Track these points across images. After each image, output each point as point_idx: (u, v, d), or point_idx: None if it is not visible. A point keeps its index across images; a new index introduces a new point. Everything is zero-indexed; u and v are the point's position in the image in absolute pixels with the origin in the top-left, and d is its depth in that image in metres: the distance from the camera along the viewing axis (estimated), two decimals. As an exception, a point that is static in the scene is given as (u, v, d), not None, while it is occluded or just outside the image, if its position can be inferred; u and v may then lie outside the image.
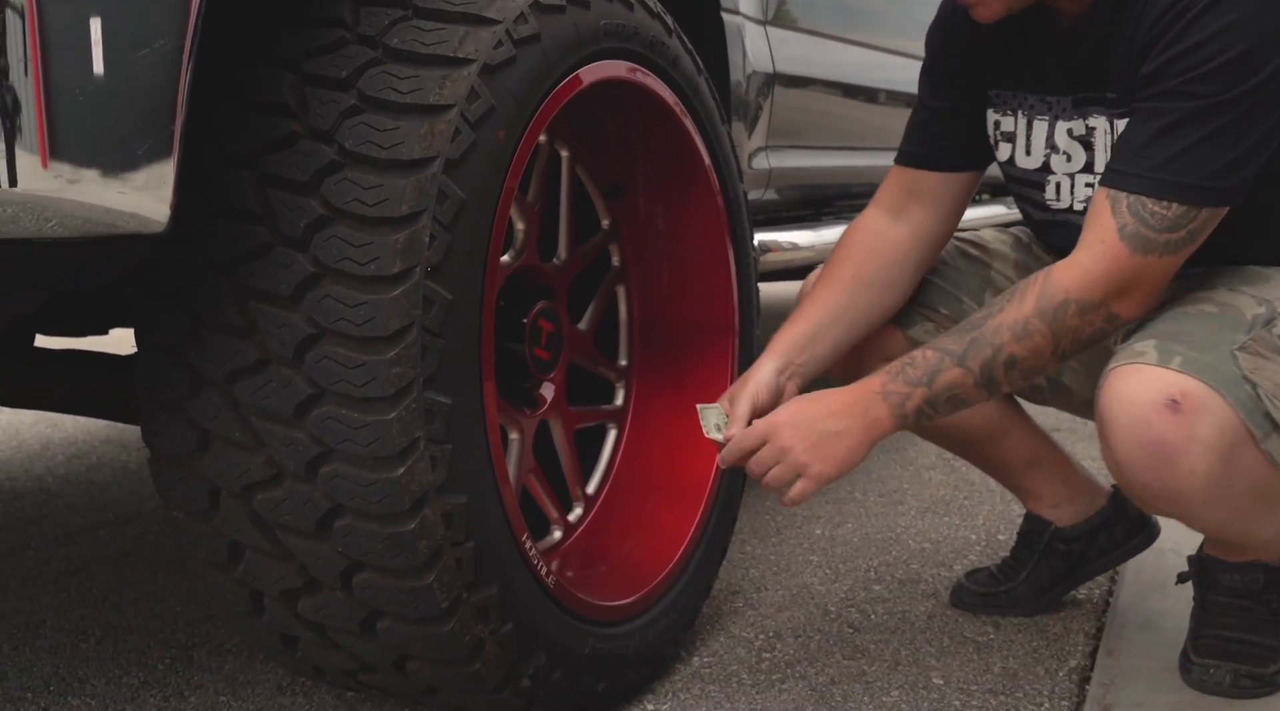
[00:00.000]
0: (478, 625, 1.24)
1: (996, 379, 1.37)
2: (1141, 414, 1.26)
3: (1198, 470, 1.26)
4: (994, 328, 1.36)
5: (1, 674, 1.68)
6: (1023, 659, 1.67)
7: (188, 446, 1.23)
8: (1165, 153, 1.30)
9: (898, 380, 1.38)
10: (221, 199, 1.19)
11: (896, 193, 1.63)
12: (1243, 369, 1.27)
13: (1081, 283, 1.33)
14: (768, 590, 1.95)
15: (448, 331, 1.18)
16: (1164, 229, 1.31)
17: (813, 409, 1.39)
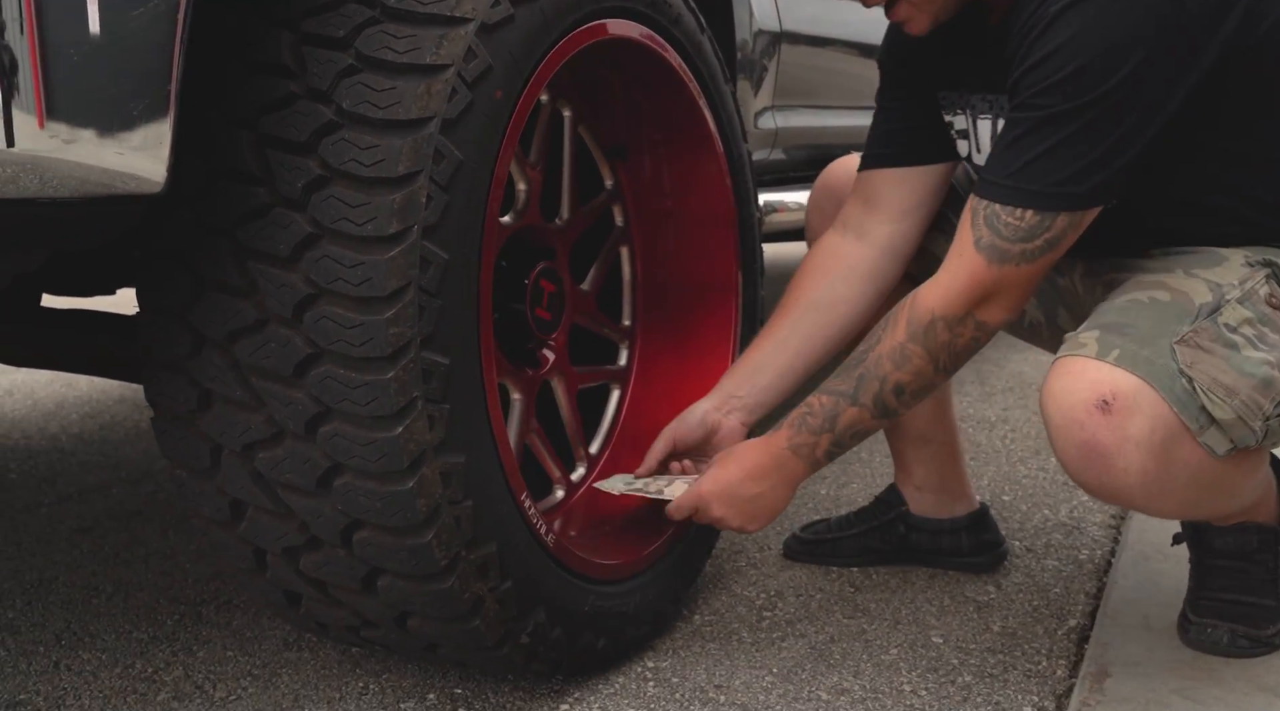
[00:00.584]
0: (476, 582, 1.26)
1: (891, 406, 1.42)
2: (1074, 415, 1.25)
3: (1132, 469, 1.24)
4: (875, 360, 1.40)
5: (15, 628, 1.70)
6: (1022, 618, 1.68)
7: (189, 405, 1.24)
8: (1017, 161, 1.30)
9: (801, 432, 1.44)
10: (222, 160, 1.19)
11: (855, 208, 1.62)
12: (1179, 362, 1.25)
13: (943, 300, 1.36)
14: (771, 549, 1.96)
15: (445, 291, 1.18)
16: (1018, 239, 1.31)
17: (732, 477, 1.47)
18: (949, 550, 1.84)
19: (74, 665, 1.58)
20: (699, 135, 1.71)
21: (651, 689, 1.48)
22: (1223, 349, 1.26)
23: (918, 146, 1.58)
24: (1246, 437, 1.26)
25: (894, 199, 1.59)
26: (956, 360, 1.41)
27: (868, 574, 1.85)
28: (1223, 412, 1.24)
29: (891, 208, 1.59)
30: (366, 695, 1.48)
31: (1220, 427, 1.25)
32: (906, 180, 1.59)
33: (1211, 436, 1.25)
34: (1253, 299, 1.32)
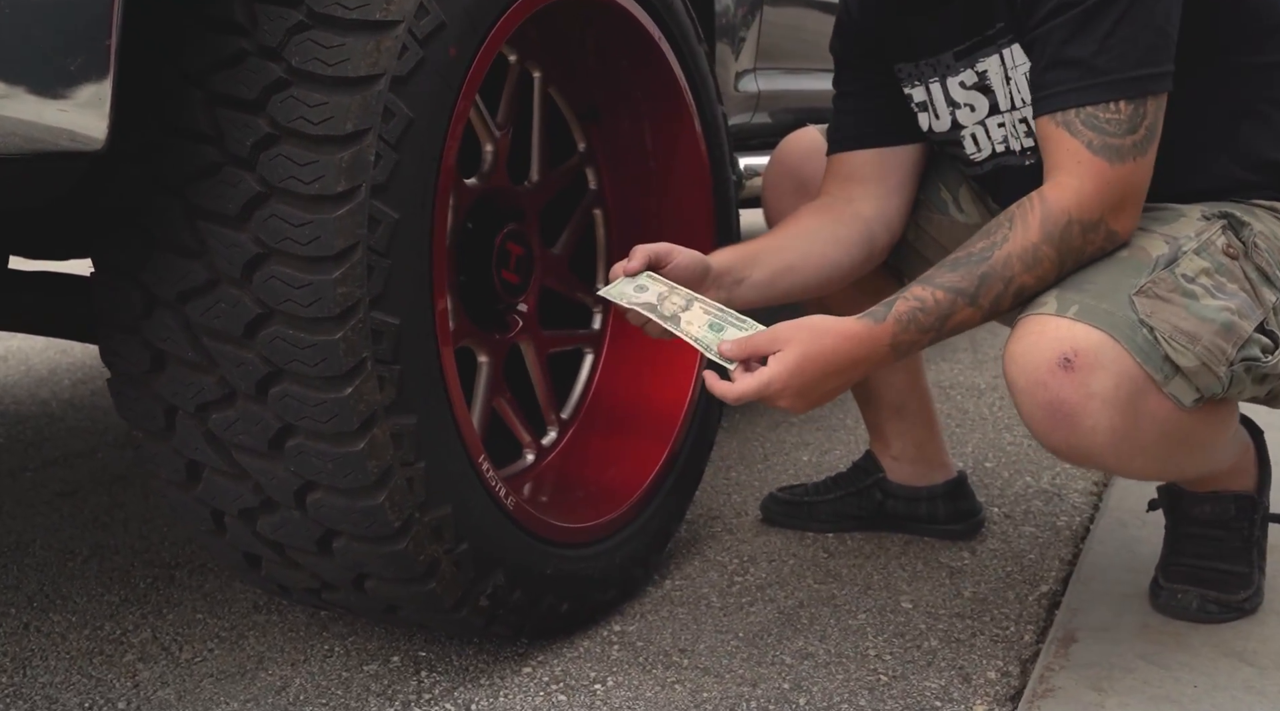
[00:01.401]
0: (431, 544, 1.25)
1: (1000, 311, 1.30)
2: (1037, 375, 1.22)
3: (1100, 427, 1.21)
4: (1003, 260, 1.27)
5: (-13, 590, 1.71)
6: (994, 584, 1.67)
7: (143, 366, 1.23)
8: (1086, 60, 1.26)
9: (910, 329, 1.27)
10: (173, 117, 1.18)
11: (835, 184, 1.56)
12: (1139, 312, 1.22)
13: (1078, 202, 1.27)
14: (747, 515, 1.95)
15: (395, 251, 1.17)
16: (1125, 132, 1.26)
17: (818, 370, 1.25)
18: (925, 517, 1.83)
19: (43, 627, 1.59)
20: (671, 97, 1.69)
21: (616, 652, 1.48)
22: (1181, 297, 1.24)
23: (888, 126, 1.54)
24: (1212, 385, 1.24)
25: (878, 177, 1.54)
26: (1078, 268, 1.30)
27: (842, 540, 1.85)
28: (1186, 360, 1.22)
29: (878, 184, 1.54)
30: (331, 657, 1.48)
31: (1185, 376, 1.23)
32: (885, 159, 1.55)
33: (1177, 386, 1.23)
34: (1209, 249, 1.30)
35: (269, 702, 1.37)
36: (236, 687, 1.41)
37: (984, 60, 1.42)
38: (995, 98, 1.44)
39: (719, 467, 2.22)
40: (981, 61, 1.42)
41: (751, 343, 1.25)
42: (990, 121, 1.46)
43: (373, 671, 1.44)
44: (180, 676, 1.44)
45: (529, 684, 1.40)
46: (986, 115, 1.46)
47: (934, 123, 1.51)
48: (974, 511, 1.85)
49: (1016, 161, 1.46)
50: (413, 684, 1.40)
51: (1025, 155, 1.45)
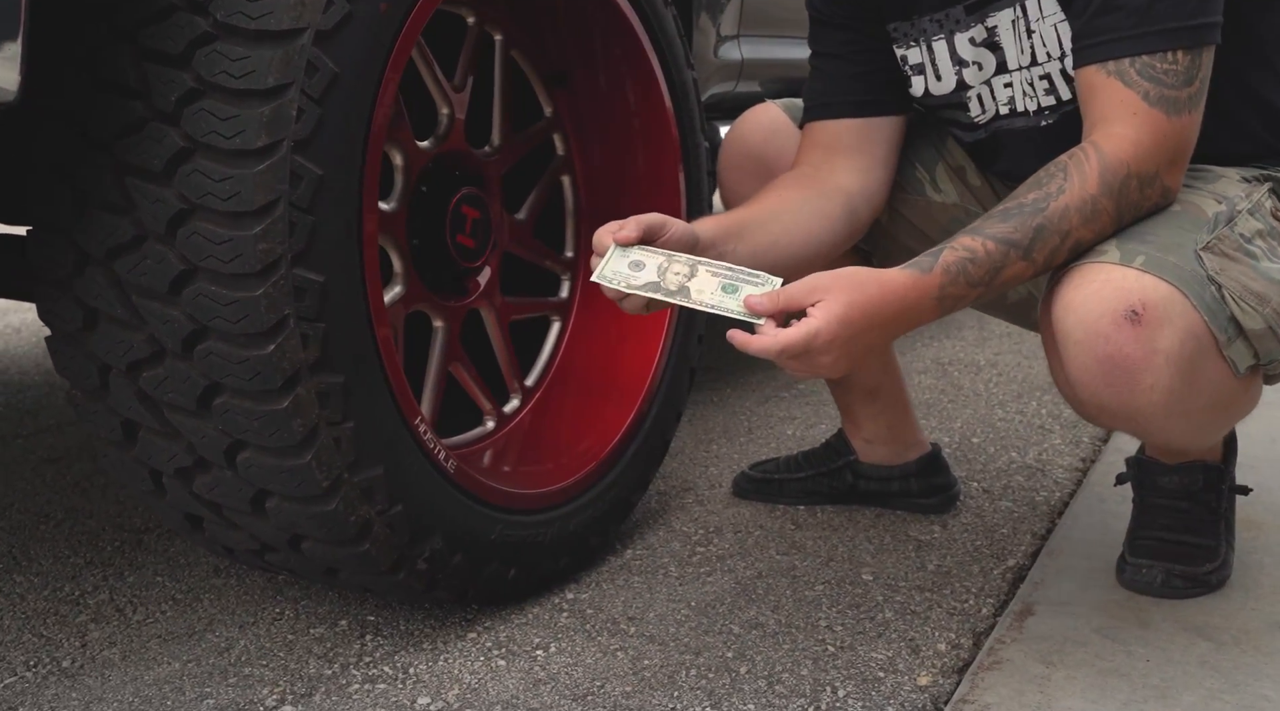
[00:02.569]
0: (362, 505, 1.24)
1: (1053, 265, 1.23)
2: (1098, 326, 1.14)
3: (1159, 385, 1.14)
4: (1060, 212, 1.19)
5: (-41, 552, 1.73)
6: (960, 557, 1.64)
7: (76, 324, 1.23)
8: (1141, 6, 1.19)
9: (959, 282, 1.18)
10: (104, 73, 1.17)
11: (814, 153, 1.47)
12: (1208, 269, 1.16)
13: (1136, 155, 1.20)
14: (721, 487, 1.93)
15: (319, 208, 1.16)
16: (1182, 84, 1.20)
17: (864, 320, 1.15)
18: (898, 493, 1.80)
19: (4, 587, 1.60)
20: (636, 62, 1.66)
21: (564, 619, 1.46)
22: (1246, 257, 1.21)
23: (876, 93, 1.47)
24: (1274, 351, 1.20)
25: (862, 148, 1.47)
26: (1135, 221, 1.24)
27: (813, 512, 1.82)
28: (1253, 322, 1.18)
29: (862, 156, 1.47)
30: (280, 620, 1.48)
31: (1247, 339, 1.18)
32: (870, 131, 1.47)
33: (1237, 350, 1.18)
34: (1261, 211, 1.27)
35: (210, 663, 1.37)
36: (181, 648, 1.41)
37: (996, 14, 1.36)
38: (1004, 55, 1.38)
39: (700, 440, 2.20)
40: (993, 16, 1.36)
41: (786, 294, 1.14)
42: (996, 81, 1.40)
43: (318, 634, 1.43)
44: (129, 636, 1.44)
45: (471, 649, 1.39)
46: (993, 74, 1.40)
47: (932, 84, 1.44)
48: (948, 485, 1.82)
49: (1026, 123, 1.39)
50: (356, 647, 1.40)
51: (1042, 115, 1.38)
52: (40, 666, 1.38)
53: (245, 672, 1.34)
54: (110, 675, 1.35)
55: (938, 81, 1.44)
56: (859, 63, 1.49)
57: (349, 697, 1.28)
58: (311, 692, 1.29)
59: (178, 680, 1.33)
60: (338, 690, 1.30)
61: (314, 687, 1.31)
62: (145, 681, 1.33)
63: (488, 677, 1.32)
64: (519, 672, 1.33)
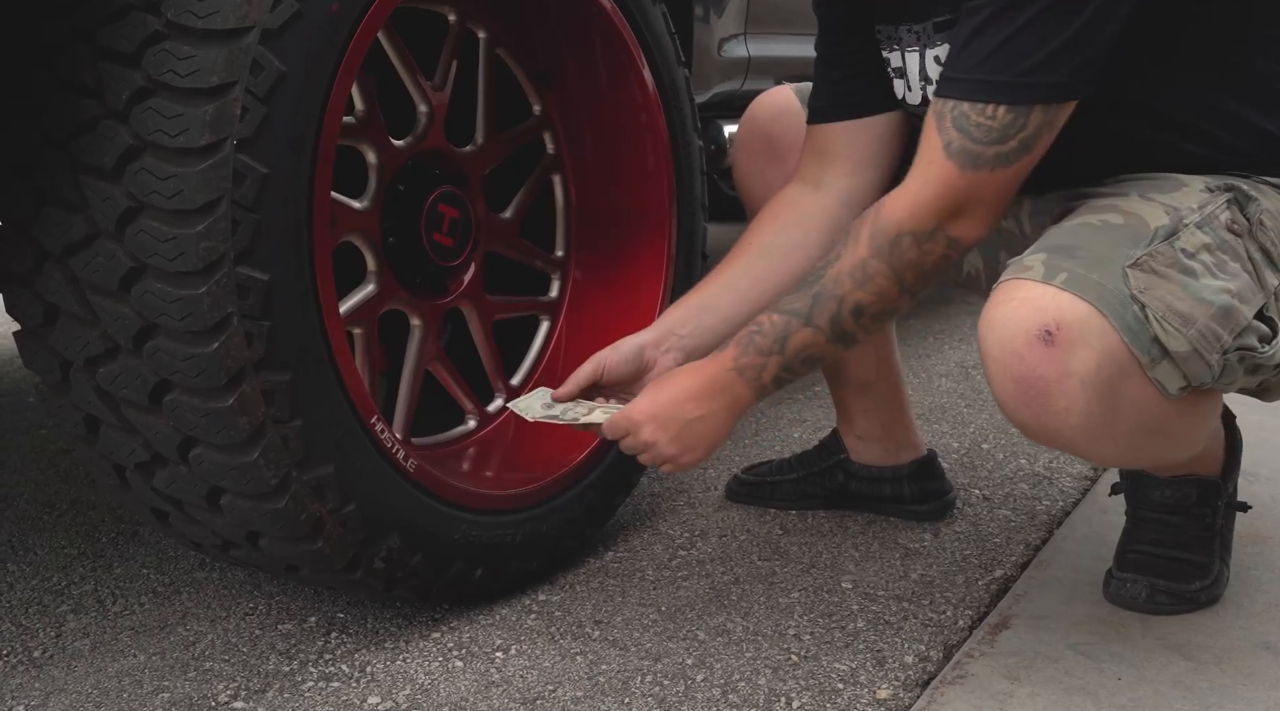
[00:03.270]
0: (313, 503, 1.24)
1: (848, 330, 1.28)
2: (1013, 346, 1.12)
3: (1074, 407, 1.11)
4: (834, 277, 1.26)
5: (-38, 540, 1.77)
6: (945, 567, 1.60)
7: (38, 319, 1.25)
8: (981, 51, 1.17)
9: (749, 352, 1.29)
10: (62, 72, 1.19)
11: (808, 161, 1.50)
12: (1132, 287, 1.12)
13: (912, 212, 1.22)
14: (715, 490, 1.91)
15: (263, 206, 1.16)
16: (991, 141, 1.18)
17: (670, 398, 1.31)
18: (891, 498, 1.77)
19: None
20: (621, 59, 1.65)
21: (530, 621, 1.45)
22: (1179, 275, 1.14)
23: (865, 96, 1.46)
24: (1202, 374, 1.14)
25: (849, 152, 1.47)
26: (923, 280, 1.26)
27: (804, 518, 1.79)
28: (1177, 344, 1.12)
29: (848, 160, 1.47)
30: (252, 615, 1.49)
31: (1173, 361, 1.13)
32: (858, 132, 1.46)
33: (1163, 372, 1.13)
34: (1212, 224, 1.19)
35: (174, 657, 1.38)
36: (150, 641, 1.42)
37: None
38: None
39: (705, 442, 2.17)
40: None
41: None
42: None
43: (285, 630, 1.44)
44: (103, 628, 1.46)
45: (431, 648, 1.38)
46: None
47: (906, 93, 1.43)
48: (942, 492, 1.77)
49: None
50: (319, 644, 1.40)
51: None
52: (12, 655, 1.40)
53: (205, 667, 1.35)
54: (76, 666, 1.37)
55: (909, 92, 1.42)
56: (846, 65, 1.48)
57: (301, 695, 1.29)
58: (265, 689, 1.30)
59: (139, 673, 1.34)
60: (291, 687, 1.30)
61: (269, 684, 1.31)
62: (108, 673, 1.35)
63: (441, 678, 1.31)
64: (474, 674, 1.32)
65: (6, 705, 1.28)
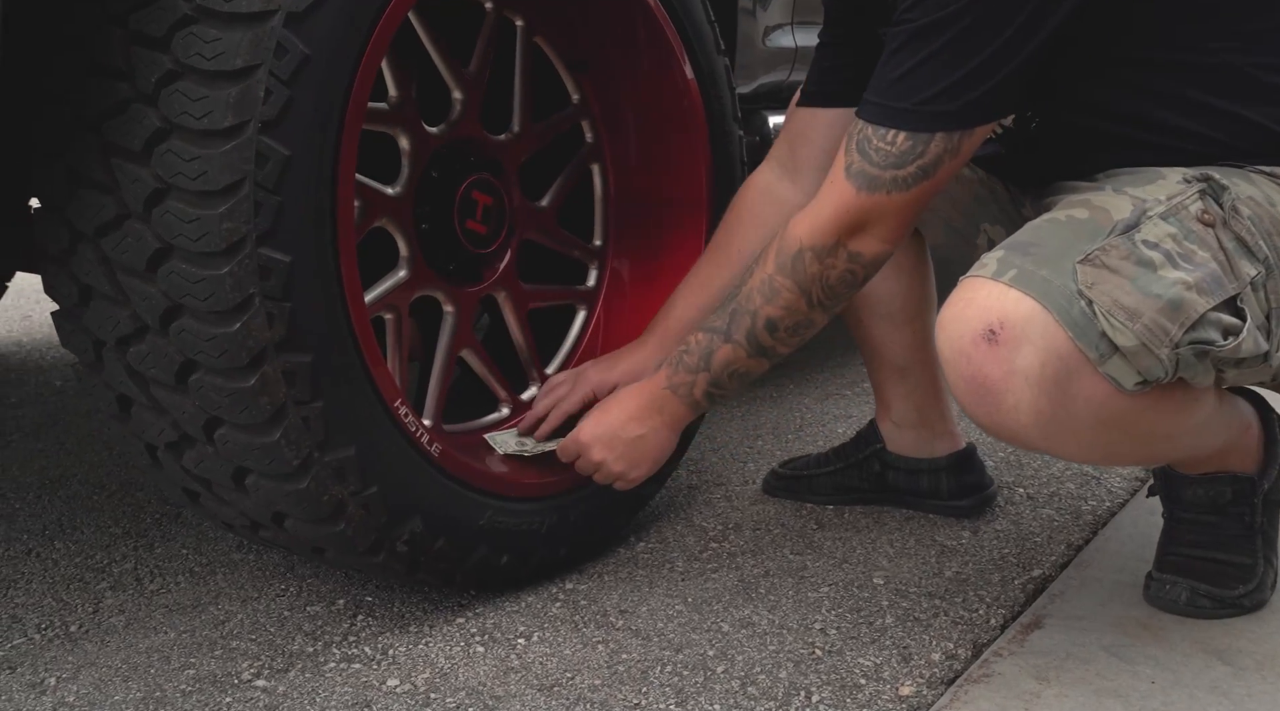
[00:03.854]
0: (334, 485, 1.25)
1: (765, 345, 1.33)
2: (960, 345, 1.13)
3: (1023, 405, 1.11)
4: (746, 294, 1.32)
5: (14, 517, 1.81)
6: (982, 565, 1.57)
7: (73, 299, 1.27)
8: (889, 76, 1.21)
9: (679, 371, 1.38)
10: (96, 55, 1.21)
11: (786, 143, 1.54)
12: (1079, 282, 1.10)
13: (810, 229, 1.27)
14: (753, 484, 1.89)
15: (286, 188, 1.17)
16: (889, 165, 1.21)
17: (612, 419, 1.43)
18: (928, 492, 1.73)
19: (43, 553, 1.67)
20: (659, 47, 1.64)
21: (555, 609, 1.45)
22: (1133, 267, 1.12)
23: (853, 88, 1.42)
24: (1154, 369, 1.11)
25: (825, 142, 1.48)
26: (833, 294, 1.31)
27: (841, 512, 1.76)
28: (1124, 338, 1.10)
29: (823, 151, 1.48)
30: (283, 596, 1.50)
31: (1124, 356, 1.10)
32: (840, 124, 1.46)
33: (1115, 367, 1.11)
34: (1179, 214, 1.16)
35: (203, 635, 1.40)
36: (182, 619, 1.44)
37: None
38: None
39: (748, 434, 2.16)
40: None
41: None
42: None
43: (313, 612, 1.45)
44: (138, 605, 1.49)
45: (455, 633, 1.39)
46: None
47: None
48: (982, 486, 1.74)
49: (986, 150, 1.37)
50: (344, 626, 1.41)
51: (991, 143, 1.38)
52: (50, 629, 1.43)
53: (232, 646, 1.37)
54: (109, 641, 1.39)
55: None
56: (843, 55, 1.49)
57: (322, 675, 1.29)
58: (288, 668, 1.31)
59: (168, 649, 1.36)
60: (313, 667, 1.31)
61: (292, 663, 1.32)
62: (138, 649, 1.37)
63: (461, 663, 1.32)
64: (494, 660, 1.32)
65: (39, 676, 1.31)
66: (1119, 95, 1.24)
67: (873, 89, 1.23)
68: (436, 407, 1.54)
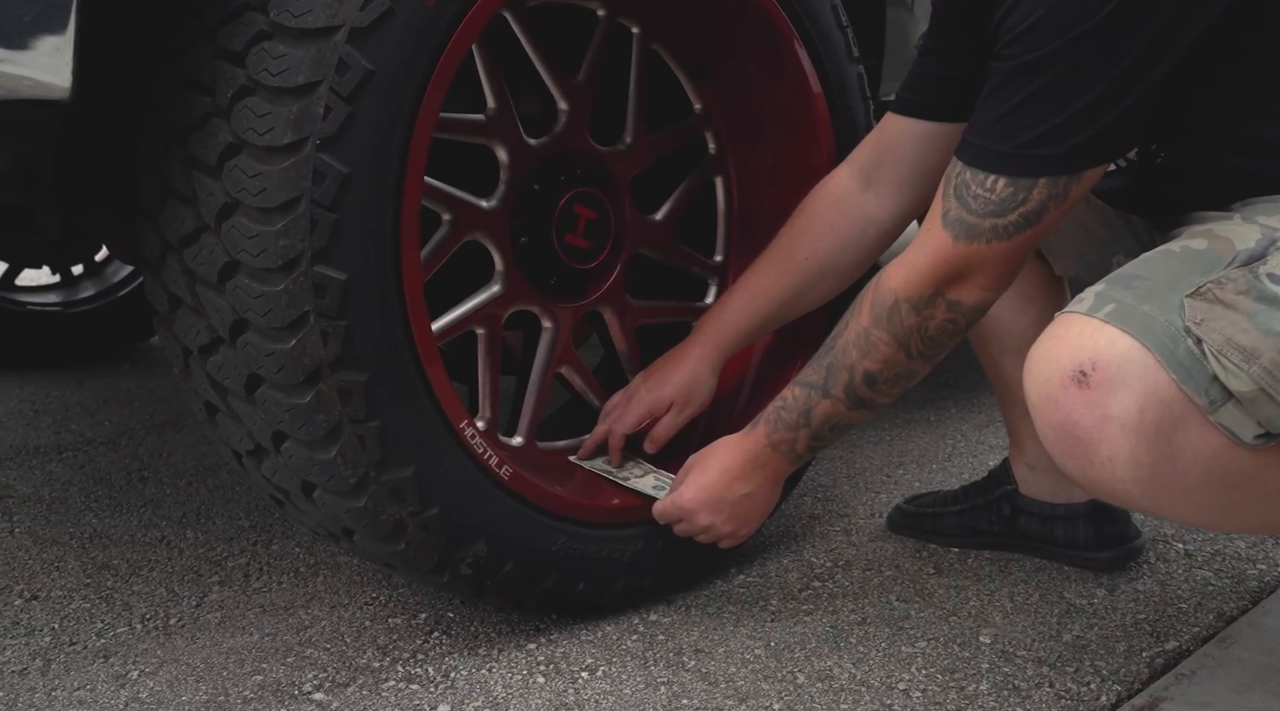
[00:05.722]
0: (393, 505, 1.24)
1: (865, 397, 1.29)
2: (1048, 389, 1.01)
3: (1119, 457, 0.97)
4: (842, 348, 1.28)
5: (161, 500, 1.90)
6: (1109, 630, 1.41)
7: (165, 307, 1.31)
8: (990, 116, 1.10)
9: (779, 428, 1.36)
10: (188, 69, 1.23)
11: (873, 150, 1.44)
12: (1186, 319, 0.96)
13: (906, 280, 1.20)
14: (878, 517, 1.78)
15: (343, 206, 1.15)
16: (988, 213, 1.11)
17: (714, 481, 1.40)
18: (1064, 541, 1.58)
19: (174, 541, 1.74)
20: (780, 55, 1.55)
21: (630, 642, 1.40)
22: (1252, 302, 0.96)
23: (958, 102, 1.33)
24: (1276, 418, 0.95)
25: (913, 155, 1.39)
26: (933, 344, 1.23)
27: (965, 557, 1.63)
28: (1240, 383, 0.95)
29: (909, 164, 1.40)
30: (371, 605, 1.51)
31: (1240, 403, 0.95)
32: (934, 138, 1.37)
33: (1229, 416, 0.96)
34: None
35: (283, 640, 1.42)
36: (270, 621, 1.47)
37: None
38: None
39: (890, 462, 2.04)
40: None
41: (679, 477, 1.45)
42: None
43: (394, 625, 1.45)
44: (237, 602, 1.53)
45: (520, 660, 1.35)
46: None
47: None
48: (1125, 537, 1.57)
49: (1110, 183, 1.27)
50: (417, 643, 1.40)
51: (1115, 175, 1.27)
52: (153, 620, 1.48)
53: (306, 654, 1.38)
54: (199, 638, 1.43)
55: None
56: (942, 66, 1.37)
57: (378, 694, 1.29)
58: (349, 684, 1.31)
59: (246, 652, 1.39)
60: (372, 685, 1.31)
61: (354, 678, 1.32)
62: (221, 649, 1.40)
63: (517, 694, 1.28)
64: (550, 694, 1.28)
65: (125, 668, 1.36)
66: (1251, 124, 1.08)
67: (972, 128, 1.13)
68: (530, 425, 1.51)
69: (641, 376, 1.54)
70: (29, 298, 2.86)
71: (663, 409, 1.51)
